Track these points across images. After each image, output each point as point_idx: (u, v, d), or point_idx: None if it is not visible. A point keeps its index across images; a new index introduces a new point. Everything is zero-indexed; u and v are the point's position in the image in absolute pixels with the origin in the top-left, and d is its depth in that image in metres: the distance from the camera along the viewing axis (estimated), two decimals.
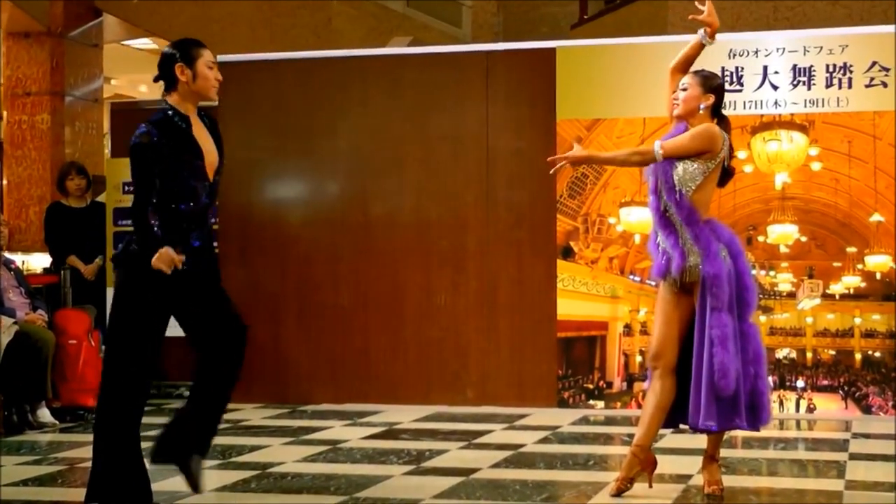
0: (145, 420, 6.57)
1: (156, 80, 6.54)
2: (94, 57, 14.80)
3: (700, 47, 6.95)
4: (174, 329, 11.52)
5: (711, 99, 6.70)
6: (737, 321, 6.46)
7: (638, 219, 10.20)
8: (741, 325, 6.50)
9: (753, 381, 6.51)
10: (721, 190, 10.01)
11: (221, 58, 11.30)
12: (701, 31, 6.91)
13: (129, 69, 18.49)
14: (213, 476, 7.38)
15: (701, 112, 6.68)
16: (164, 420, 9.90)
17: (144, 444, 6.48)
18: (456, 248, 10.51)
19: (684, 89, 6.72)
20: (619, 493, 6.58)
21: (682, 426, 6.80)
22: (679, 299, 6.60)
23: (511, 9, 22.66)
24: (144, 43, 16.48)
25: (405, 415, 9.95)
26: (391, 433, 9.10)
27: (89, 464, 6.45)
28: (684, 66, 6.91)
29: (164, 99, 6.49)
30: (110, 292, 11.46)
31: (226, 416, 9.95)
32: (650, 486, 6.60)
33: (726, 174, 6.76)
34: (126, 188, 11.78)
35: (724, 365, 6.35)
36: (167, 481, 7.07)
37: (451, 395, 10.32)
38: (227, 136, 11.10)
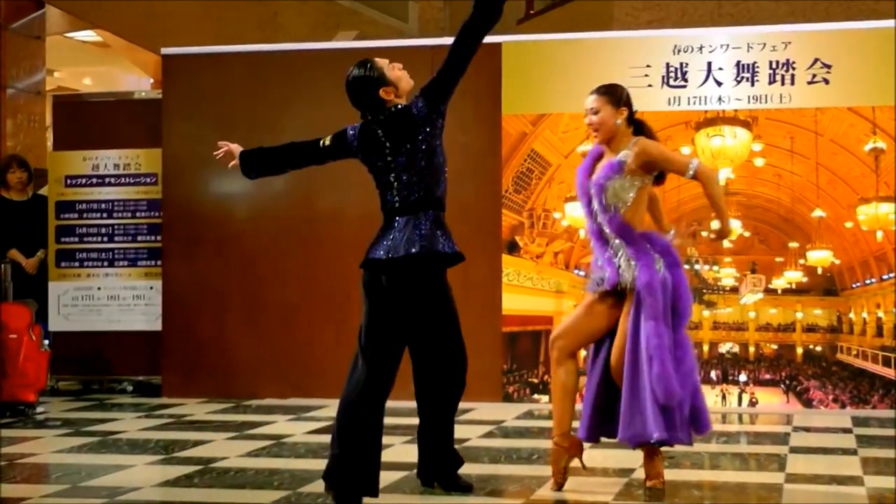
0: (90, 415, 6.50)
1: (364, 111, 6.60)
2: (37, 49, 14.70)
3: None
4: (121, 323, 11.57)
5: (624, 112, 6.65)
6: (671, 332, 6.47)
7: (582, 213, 10.22)
8: (675, 336, 6.49)
9: (692, 394, 6.53)
10: (665, 185, 10.10)
11: (165, 51, 11.34)
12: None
13: (73, 61, 18.38)
14: (155, 471, 7.36)
15: (619, 126, 6.64)
16: (105, 415, 9.91)
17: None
18: None
19: (595, 112, 6.66)
20: (559, 487, 6.59)
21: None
22: (605, 304, 6.62)
23: (457, 4, 22.56)
24: (88, 35, 16.37)
25: None
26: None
27: (31, 459, 6.39)
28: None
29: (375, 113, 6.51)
30: (52, 286, 11.46)
31: (168, 411, 9.97)
32: (584, 468, 6.62)
33: (660, 177, 6.76)
34: (68, 181, 11.72)
35: (662, 377, 6.35)
36: (109, 476, 7.05)
37: (395, 390, 10.27)
38: (171, 129, 11.19)
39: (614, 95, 6.67)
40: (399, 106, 6.43)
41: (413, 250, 6.22)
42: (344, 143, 6.59)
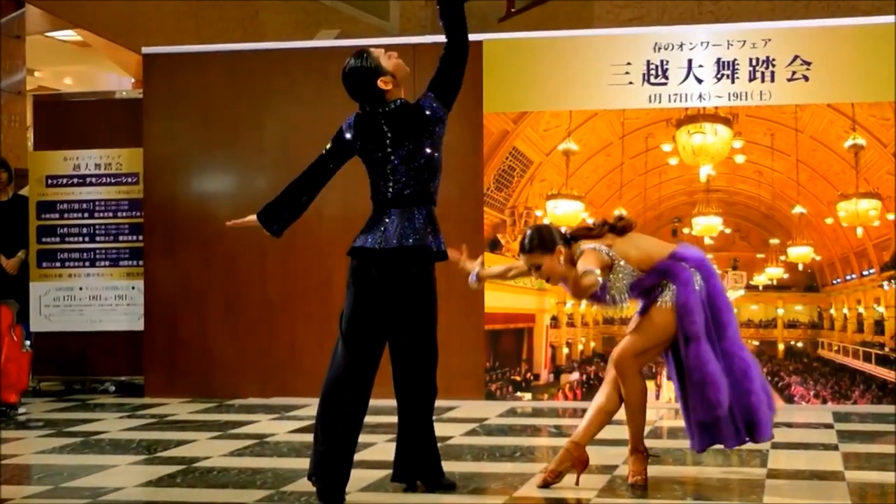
0: (72, 416, 6.49)
1: (362, 102, 6.54)
2: (17, 48, 14.65)
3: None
4: (103, 324, 11.54)
5: (562, 250, 6.54)
6: (717, 344, 6.51)
7: (564, 211, 10.26)
8: (722, 345, 6.53)
9: (746, 398, 6.57)
10: (647, 182, 10.19)
11: (146, 50, 11.33)
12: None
13: (53, 61, 18.34)
14: (138, 471, 7.35)
15: (563, 267, 6.55)
16: (87, 415, 9.89)
17: None
18: None
19: (538, 267, 6.57)
20: (545, 486, 6.59)
21: None
22: None
23: None
24: (69, 35, 16.34)
25: None
26: None
27: (13, 460, 6.38)
28: None
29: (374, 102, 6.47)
30: (33, 287, 11.43)
31: (151, 411, 9.96)
32: (577, 484, 6.60)
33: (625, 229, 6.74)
34: (49, 181, 11.70)
35: (710, 387, 6.43)
36: (91, 476, 7.04)
37: (377, 388, 10.23)
38: (152, 129, 11.18)
39: (544, 246, 6.54)
40: (404, 100, 6.43)
41: (406, 243, 6.26)
42: (341, 140, 6.61)
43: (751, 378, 6.61)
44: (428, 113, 6.36)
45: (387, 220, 6.35)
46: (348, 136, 6.54)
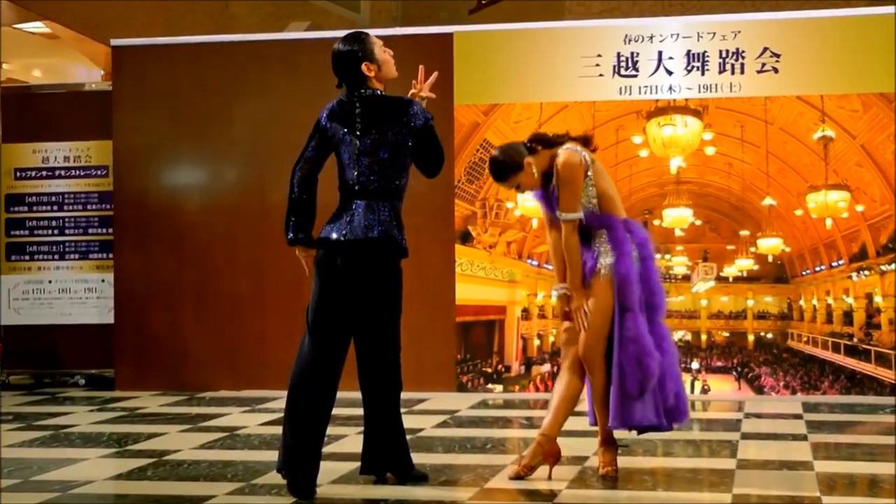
0: (42, 409, 6.46)
1: (339, 85, 6.59)
2: None
3: None
4: (72, 317, 11.50)
5: (531, 161, 6.61)
6: (646, 322, 6.50)
7: (535, 203, 10.25)
8: (653, 328, 6.52)
9: (676, 383, 6.59)
10: (617, 174, 10.19)
11: (115, 42, 11.28)
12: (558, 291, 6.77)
13: (22, 53, 18.22)
14: (108, 464, 7.33)
15: (537, 176, 6.62)
16: (57, 409, 9.85)
17: None
18: None
19: (517, 186, 6.71)
20: (517, 478, 6.59)
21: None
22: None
23: None
24: (37, 26, 16.22)
25: None
26: None
27: None
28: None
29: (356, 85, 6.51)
30: (2, 280, 11.38)
31: (121, 404, 9.92)
32: (549, 478, 6.60)
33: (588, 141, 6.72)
34: (18, 174, 11.65)
35: (643, 355, 6.40)
36: (61, 470, 7.02)
37: (348, 381, 10.24)
38: (122, 121, 11.14)
39: (511, 166, 6.62)
40: (382, 92, 6.48)
41: (371, 235, 6.29)
42: (318, 128, 6.65)
43: (675, 364, 6.63)
44: (410, 113, 6.37)
45: (352, 211, 6.37)
46: (324, 121, 6.55)
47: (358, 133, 6.42)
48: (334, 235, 6.36)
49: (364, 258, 6.33)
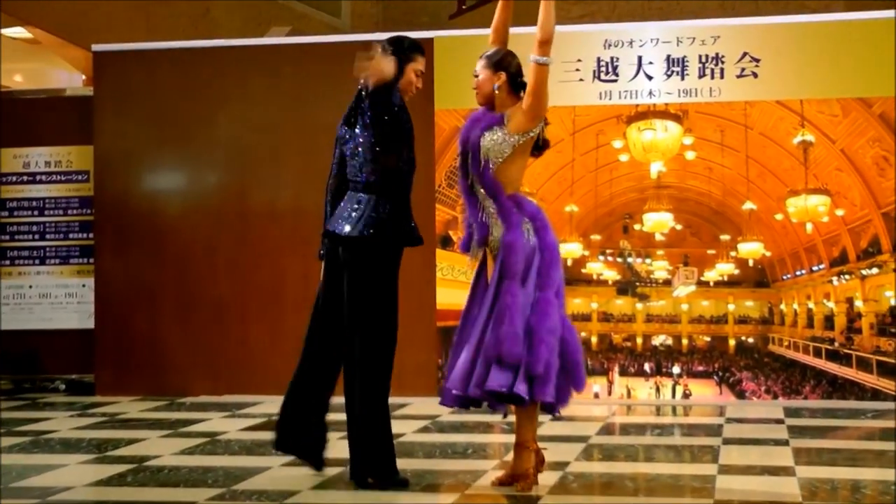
0: (21, 415, 6.44)
1: None
2: None
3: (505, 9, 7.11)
4: (53, 322, 11.46)
5: (503, 76, 6.62)
6: (535, 292, 6.33)
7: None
8: (540, 294, 6.33)
9: (549, 351, 6.26)
10: (598, 179, 10.21)
11: (96, 47, 11.26)
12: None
13: (3, 58, 18.19)
14: (88, 470, 7.31)
15: (497, 92, 6.61)
16: (37, 414, 9.82)
17: None
18: None
19: (476, 76, 6.69)
20: (501, 484, 6.54)
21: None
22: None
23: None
24: (18, 32, 16.18)
25: None
26: (270, 424, 9.00)
27: None
28: (499, 34, 6.95)
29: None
30: None
31: (101, 410, 9.89)
32: (536, 483, 6.55)
33: (540, 147, 6.66)
34: (12, 178, 11.64)
35: (508, 335, 6.24)
36: (41, 476, 7.00)
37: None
38: (103, 126, 11.11)
39: (492, 59, 6.68)
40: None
41: (367, 232, 6.45)
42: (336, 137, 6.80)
43: (556, 335, 6.32)
44: (393, 102, 6.46)
45: (352, 204, 6.56)
46: (337, 128, 6.75)
47: (357, 123, 6.59)
48: (335, 228, 6.59)
49: (360, 253, 6.52)
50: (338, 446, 7.45)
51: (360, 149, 6.56)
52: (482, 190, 6.45)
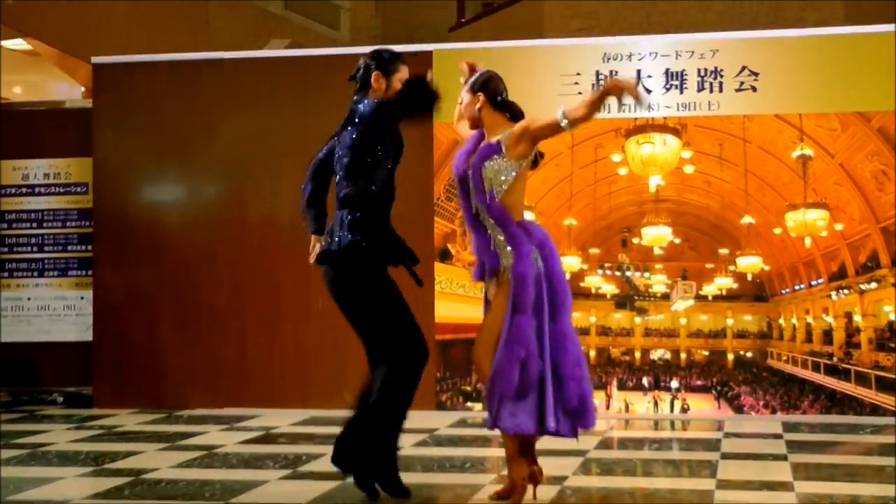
0: (19, 427, 6.42)
1: (351, 78, 6.75)
2: None
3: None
4: (51, 334, 11.46)
5: (481, 97, 6.66)
6: (547, 323, 6.35)
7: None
8: (556, 328, 6.37)
9: (579, 384, 6.34)
10: (596, 192, 10.20)
11: (96, 59, 11.26)
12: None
13: (3, 70, 18.21)
14: (85, 483, 7.30)
15: (480, 114, 6.66)
16: (35, 427, 9.81)
17: None
18: None
19: (460, 103, 6.80)
20: (500, 498, 6.52)
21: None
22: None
23: (389, 12, 22.68)
24: (18, 43, 16.20)
25: (282, 419, 9.91)
26: (268, 437, 9.07)
27: None
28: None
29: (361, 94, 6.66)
30: None
31: (99, 422, 9.88)
32: (534, 497, 6.49)
33: (536, 161, 6.67)
34: (11, 190, 11.64)
35: (499, 363, 6.26)
36: (38, 489, 6.99)
37: (328, 399, 10.27)
38: (102, 138, 11.11)
39: (471, 84, 6.75)
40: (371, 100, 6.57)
41: (340, 244, 6.50)
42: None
43: (582, 366, 6.39)
44: (359, 108, 6.56)
45: (332, 222, 6.61)
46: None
47: (337, 139, 6.68)
48: (323, 246, 6.64)
49: (339, 268, 6.56)
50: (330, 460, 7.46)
51: (344, 158, 6.59)
52: (490, 220, 6.46)
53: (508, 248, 6.38)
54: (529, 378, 6.25)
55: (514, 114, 6.65)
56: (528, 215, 10.03)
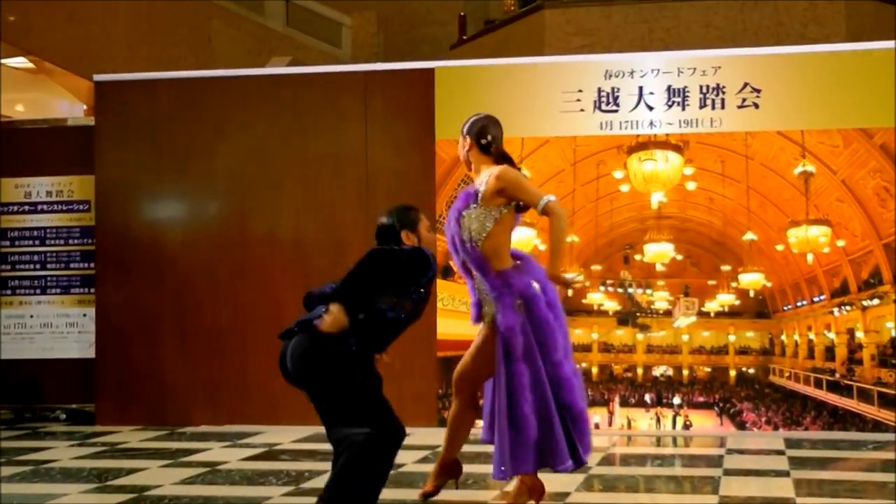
0: (22, 444, 6.42)
1: (378, 236, 6.43)
2: None
3: None
4: (54, 351, 11.46)
5: (468, 140, 6.72)
6: (540, 364, 6.42)
7: (517, 237, 10.23)
8: (548, 367, 6.44)
9: (573, 418, 6.46)
10: (598, 209, 10.20)
11: (98, 77, 11.28)
12: None
13: (5, 88, 18.24)
14: (89, 500, 7.30)
15: (469, 156, 6.75)
16: (38, 444, 9.80)
17: None
18: (334, 267, 10.39)
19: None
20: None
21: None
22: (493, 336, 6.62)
23: (391, 29, 22.73)
24: (20, 62, 16.24)
25: (285, 435, 9.91)
26: (270, 454, 9.06)
27: None
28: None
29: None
30: None
31: (102, 439, 9.87)
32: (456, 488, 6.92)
33: (525, 208, 6.72)
34: (0, 209, 11.64)
35: (519, 416, 6.39)
36: None
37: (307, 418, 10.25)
38: (104, 155, 11.13)
39: (462, 128, 6.80)
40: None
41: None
42: None
43: (576, 396, 6.50)
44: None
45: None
46: None
47: None
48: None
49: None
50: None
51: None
52: (473, 267, 6.53)
53: (490, 297, 6.46)
54: (544, 420, 6.41)
55: (500, 157, 6.70)
56: (531, 232, 10.09)
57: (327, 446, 7.04)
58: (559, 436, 6.39)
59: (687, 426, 10.15)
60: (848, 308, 9.92)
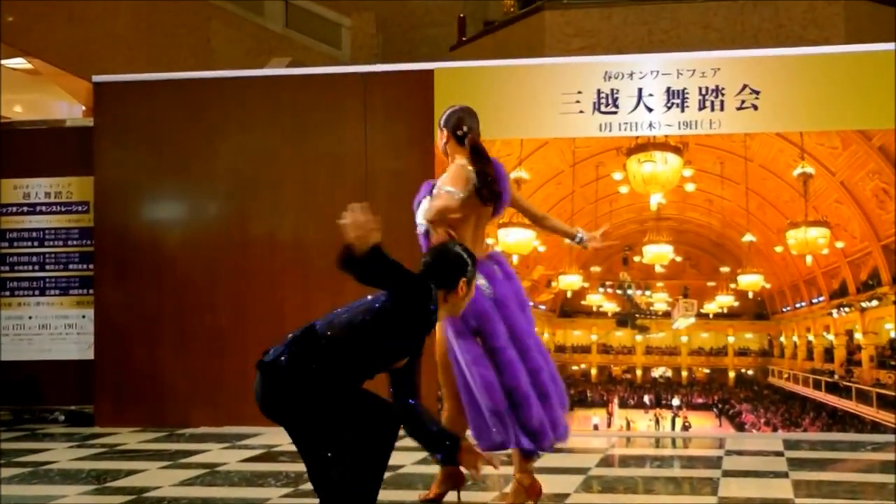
0: (21, 446, 6.42)
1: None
2: None
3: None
4: (52, 353, 11.46)
5: (445, 133, 6.82)
6: (480, 350, 6.56)
7: (516, 239, 10.27)
8: (493, 354, 6.57)
9: (517, 402, 6.53)
10: (598, 211, 10.20)
11: (97, 78, 11.28)
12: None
13: (3, 89, 18.25)
14: (87, 502, 7.29)
15: (445, 150, 6.87)
16: (37, 445, 9.80)
17: None
18: (334, 269, 10.40)
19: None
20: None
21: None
22: None
23: (390, 30, 22.73)
24: (19, 63, 16.24)
25: (283, 437, 9.80)
26: (269, 455, 9.06)
27: None
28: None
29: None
30: None
31: (101, 441, 9.87)
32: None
33: (492, 198, 6.76)
34: (12, 209, 11.66)
35: (485, 385, 6.42)
36: None
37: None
38: (103, 157, 11.13)
39: (440, 120, 6.96)
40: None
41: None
42: None
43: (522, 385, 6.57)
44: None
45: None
46: None
47: None
48: None
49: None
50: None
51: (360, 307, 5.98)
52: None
53: None
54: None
55: (473, 150, 6.74)
56: (529, 234, 10.08)
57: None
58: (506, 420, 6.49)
59: (686, 427, 10.15)
60: (847, 309, 9.92)
